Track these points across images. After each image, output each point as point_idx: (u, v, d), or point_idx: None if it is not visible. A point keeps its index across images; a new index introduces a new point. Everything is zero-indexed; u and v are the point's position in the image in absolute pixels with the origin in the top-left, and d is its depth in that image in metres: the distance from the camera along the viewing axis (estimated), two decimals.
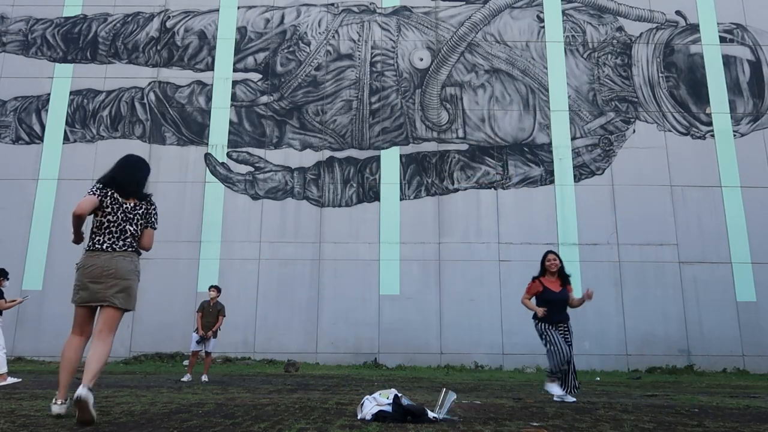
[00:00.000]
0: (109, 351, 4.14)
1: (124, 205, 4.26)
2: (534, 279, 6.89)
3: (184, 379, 9.37)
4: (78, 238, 4.15)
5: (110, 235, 4.19)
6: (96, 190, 4.25)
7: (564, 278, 6.86)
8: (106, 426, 3.81)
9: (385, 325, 14.34)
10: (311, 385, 8.46)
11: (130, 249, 4.22)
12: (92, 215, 4.25)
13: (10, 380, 8.00)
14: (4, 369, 7.93)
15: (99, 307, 4.16)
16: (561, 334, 6.58)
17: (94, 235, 4.22)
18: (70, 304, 4.24)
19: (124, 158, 4.49)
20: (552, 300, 6.69)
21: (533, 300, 6.84)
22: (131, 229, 4.24)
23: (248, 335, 14.31)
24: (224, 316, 10.09)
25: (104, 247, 4.15)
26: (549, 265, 6.83)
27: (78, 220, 4.07)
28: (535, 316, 6.67)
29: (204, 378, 9.50)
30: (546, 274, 6.85)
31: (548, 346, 6.47)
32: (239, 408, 5.01)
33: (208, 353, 9.99)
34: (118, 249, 4.16)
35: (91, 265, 4.11)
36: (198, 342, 9.90)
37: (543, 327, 6.58)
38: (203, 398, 5.94)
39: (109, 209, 4.22)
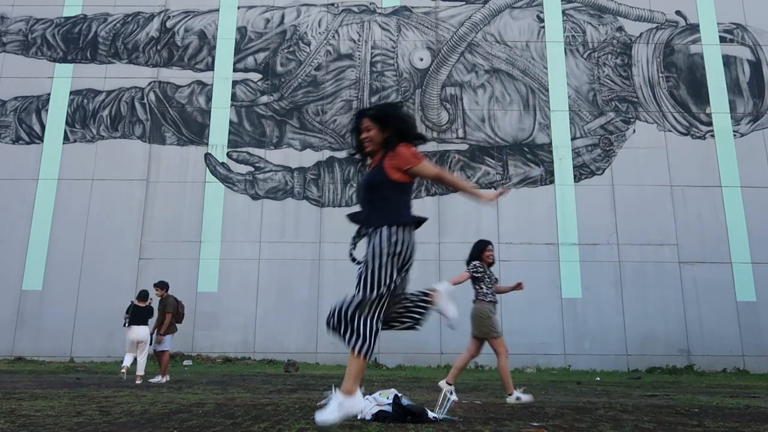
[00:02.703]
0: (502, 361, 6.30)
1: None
2: None
3: (160, 380, 9.28)
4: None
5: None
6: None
7: (386, 144, 3.54)
8: (106, 426, 3.81)
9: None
10: (311, 385, 8.46)
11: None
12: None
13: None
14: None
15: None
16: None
17: None
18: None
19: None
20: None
21: None
22: None
23: (248, 335, 14.31)
24: (170, 312, 9.57)
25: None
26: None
27: None
28: None
29: (156, 379, 9.25)
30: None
31: None
32: (239, 408, 5.01)
33: (158, 352, 9.61)
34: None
35: None
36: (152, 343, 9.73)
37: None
38: (203, 398, 5.94)
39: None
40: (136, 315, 9.18)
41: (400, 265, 3.41)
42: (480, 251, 6.56)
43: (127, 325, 9.23)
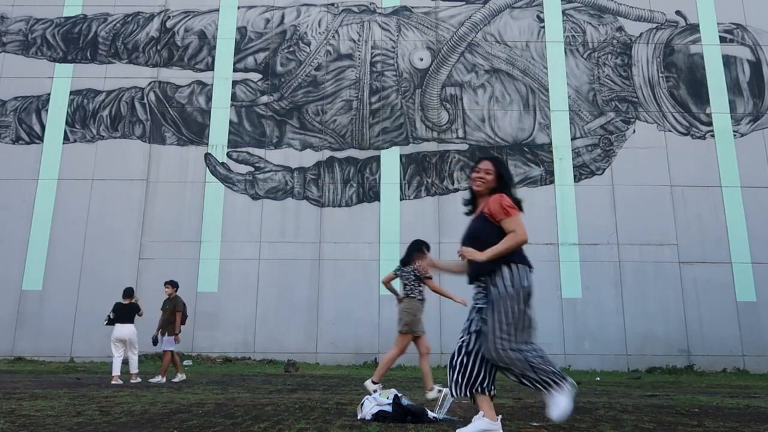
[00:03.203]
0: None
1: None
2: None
3: (176, 379, 9.33)
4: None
5: None
6: None
7: (492, 191, 3.72)
8: (106, 426, 3.81)
9: (385, 325, 14.32)
10: (311, 385, 8.47)
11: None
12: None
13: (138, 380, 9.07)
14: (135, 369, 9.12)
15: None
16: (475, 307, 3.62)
17: None
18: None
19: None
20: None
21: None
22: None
23: (248, 335, 14.31)
24: (180, 311, 9.67)
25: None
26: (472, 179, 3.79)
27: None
28: None
29: (157, 378, 9.29)
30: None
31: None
32: (239, 408, 5.01)
33: (164, 351, 9.69)
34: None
35: None
36: (154, 343, 9.76)
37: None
38: (203, 398, 5.94)
39: None
40: (121, 313, 9.04)
41: (526, 302, 3.53)
42: (419, 251, 6.62)
43: (108, 323, 9.06)
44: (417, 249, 6.71)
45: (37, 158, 15.28)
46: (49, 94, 15.73)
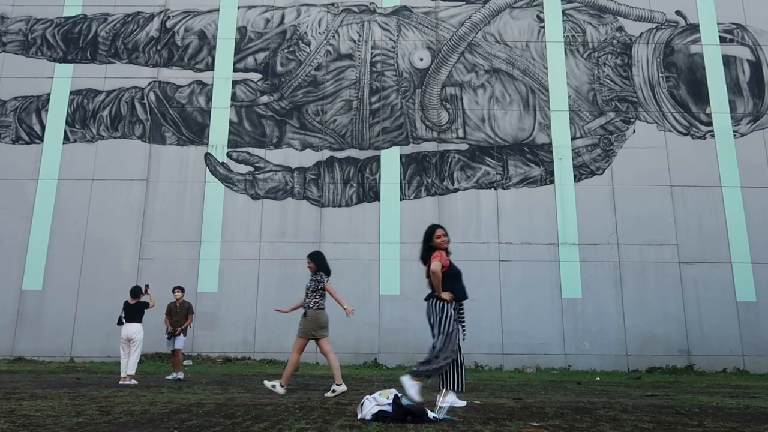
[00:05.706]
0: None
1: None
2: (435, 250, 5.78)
3: (170, 377, 9.58)
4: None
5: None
6: None
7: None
8: (106, 426, 3.82)
9: (385, 325, 14.33)
10: (311, 385, 8.47)
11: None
12: None
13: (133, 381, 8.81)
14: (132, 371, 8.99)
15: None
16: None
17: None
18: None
19: None
20: (459, 276, 5.79)
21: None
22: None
23: (248, 335, 14.31)
24: (193, 313, 10.50)
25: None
26: (441, 242, 5.77)
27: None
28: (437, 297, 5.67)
29: (179, 375, 9.66)
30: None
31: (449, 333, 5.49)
32: (239, 408, 5.01)
33: (176, 350, 10.14)
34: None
35: None
36: (168, 339, 10.14)
37: (451, 310, 5.59)
38: (203, 398, 5.94)
39: None
40: (128, 312, 9.24)
41: None
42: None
43: (119, 324, 9.31)
44: None
45: (37, 158, 15.28)
46: (49, 94, 15.73)
